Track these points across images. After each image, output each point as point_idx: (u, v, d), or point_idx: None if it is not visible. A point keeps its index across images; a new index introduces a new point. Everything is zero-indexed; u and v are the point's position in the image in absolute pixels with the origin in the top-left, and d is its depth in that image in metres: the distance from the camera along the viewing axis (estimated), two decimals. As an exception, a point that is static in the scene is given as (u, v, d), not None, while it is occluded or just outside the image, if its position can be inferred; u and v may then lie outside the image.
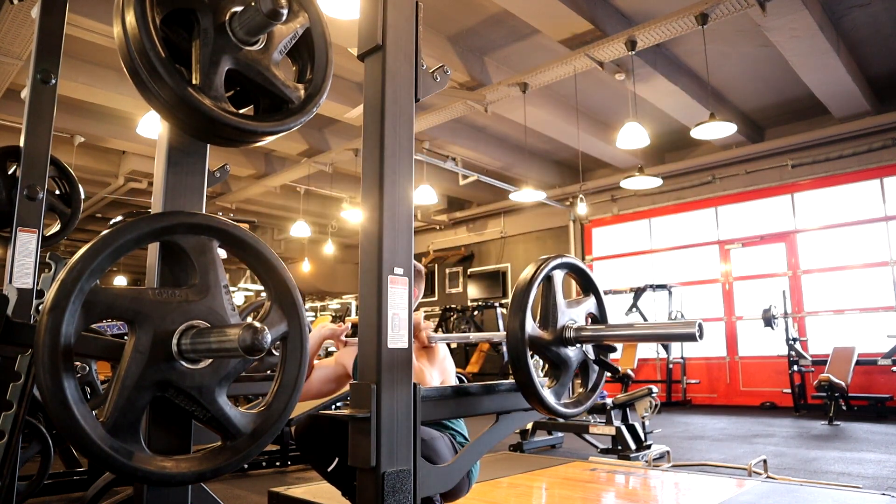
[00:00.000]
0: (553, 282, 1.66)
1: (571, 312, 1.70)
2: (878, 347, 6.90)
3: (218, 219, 1.27)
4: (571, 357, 1.67)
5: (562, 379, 1.65)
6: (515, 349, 1.53)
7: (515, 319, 1.54)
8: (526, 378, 1.54)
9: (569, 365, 1.66)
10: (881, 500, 2.70)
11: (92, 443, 1.04)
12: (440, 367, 2.06)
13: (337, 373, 2.27)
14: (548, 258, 1.66)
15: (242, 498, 3.37)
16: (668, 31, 5.15)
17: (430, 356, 2.05)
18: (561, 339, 1.65)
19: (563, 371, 1.65)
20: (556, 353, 1.63)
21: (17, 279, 2.34)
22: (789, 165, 8.05)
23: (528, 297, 1.56)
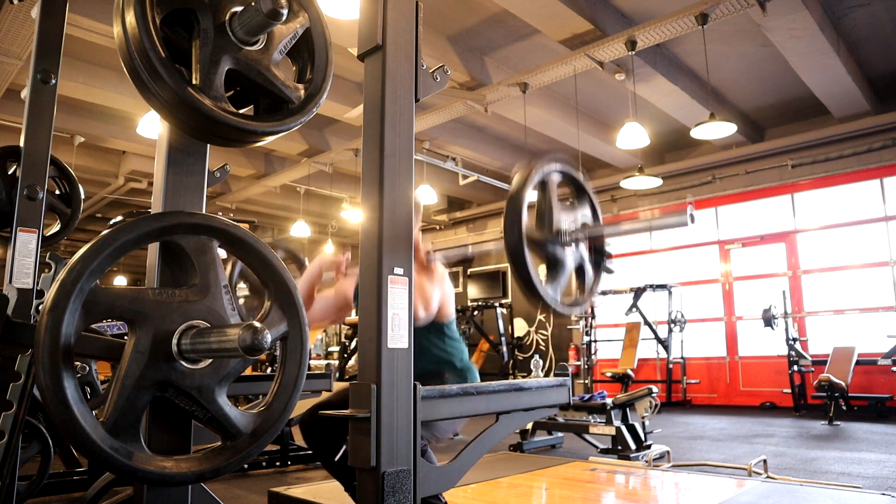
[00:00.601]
0: (548, 186, 1.69)
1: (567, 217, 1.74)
2: (878, 347, 6.90)
3: (218, 219, 1.27)
4: (569, 257, 1.70)
5: (559, 279, 1.67)
6: (514, 247, 1.54)
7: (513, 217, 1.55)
8: (525, 274, 1.54)
9: (566, 265, 1.69)
10: (881, 500, 2.70)
11: (92, 443, 1.04)
12: (440, 285, 2.07)
13: (337, 302, 2.28)
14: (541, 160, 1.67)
15: (242, 498, 3.37)
16: (668, 31, 5.15)
17: (430, 274, 2.06)
18: (558, 239, 1.67)
19: (561, 271, 1.68)
20: (553, 251, 1.66)
21: (17, 279, 2.34)
22: (789, 165, 8.06)
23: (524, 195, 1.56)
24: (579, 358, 9.38)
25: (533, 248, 1.60)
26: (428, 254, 2.07)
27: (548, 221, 1.66)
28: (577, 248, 1.73)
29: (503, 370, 9.93)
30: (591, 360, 9.08)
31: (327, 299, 2.29)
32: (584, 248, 1.76)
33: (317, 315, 2.27)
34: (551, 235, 1.65)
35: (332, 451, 2.01)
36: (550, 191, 1.69)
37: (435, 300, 2.01)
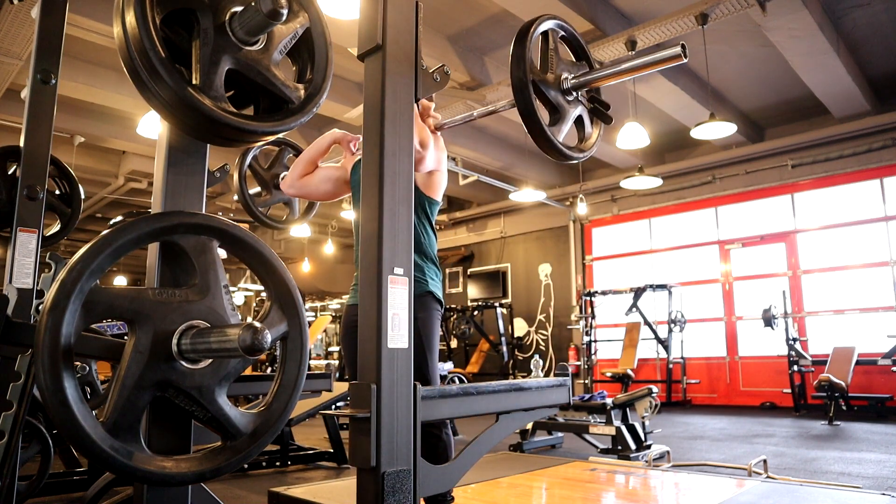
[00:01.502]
0: (550, 37, 1.75)
1: (567, 71, 1.81)
2: (878, 347, 6.90)
3: (218, 219, 1.27)
4: (570, 106, 1.78)
5: (561, 125, 1.74)
6: (521, 90, 1.61)
7: (519, 60, 1.62)
8: (531, 114, 1.62)
9: (567, 112, 1.77)
10: (881, 500, 2.70)
11: (92, 443, 1.04)
12: (438, 154, 2.12)
13: (338, 175, 2.30)
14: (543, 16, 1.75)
15: (242, 498, 3.37)
16: (668, 31, 5.15)
17: (435, 139, 2.10)
18: (560, 87, 1.75)
19: (563, 118, 1.75)
20: (556, 97, 1.73)
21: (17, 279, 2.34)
22: (789, 165, 8.06)
23: (529, 40, 1.65)
24: (579, 358, 9.38)
25: (537, 92, 1.68)
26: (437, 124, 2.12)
27: (551, 69, 1.74)
28: (577, 97, 1.81)
29: (503, 370, 9.93)
30: (591, 360, 9.08)
31: (329, 169, 2.31)
32: (583, 98, 1.84)
33: (315, 181, 2.30)
34: (553, 81, 1.73)
35: None
36: (553, 42, 1.76)
37: (430, 158, 2.05)
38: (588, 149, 1.87)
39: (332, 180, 2.31)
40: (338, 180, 2.31)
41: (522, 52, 1.64)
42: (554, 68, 1.75)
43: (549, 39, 1.76)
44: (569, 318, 9.94)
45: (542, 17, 1.75)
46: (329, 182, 2.31)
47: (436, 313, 2.05)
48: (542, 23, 1.72)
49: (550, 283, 10.48)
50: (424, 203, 2.13)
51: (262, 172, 3.04)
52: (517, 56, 1.64)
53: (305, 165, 2.30)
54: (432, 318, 2.04)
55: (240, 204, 3.02)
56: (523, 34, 1.67)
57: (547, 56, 1.75)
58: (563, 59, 1.80)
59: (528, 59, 1.64)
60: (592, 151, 1.88)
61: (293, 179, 2.32)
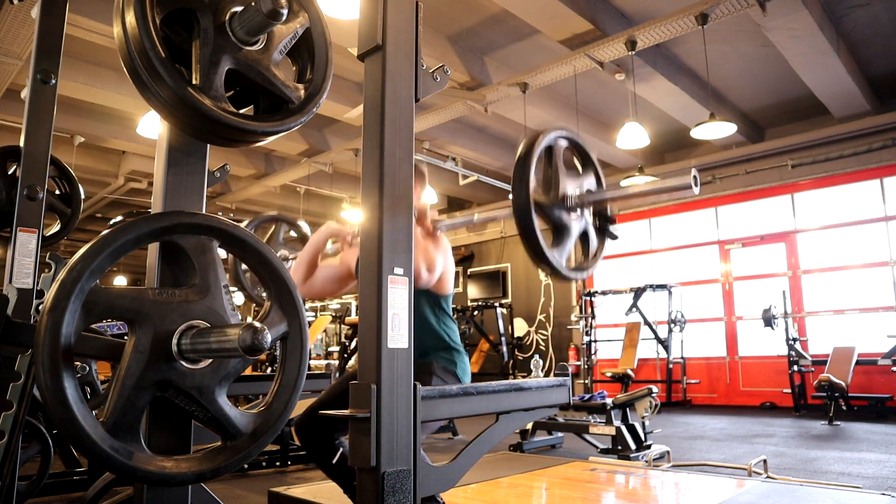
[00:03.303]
0: (554, 153, 1.71)
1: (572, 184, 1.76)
2: (878, 347, 6.90)
3: (218, 219, 1.27)
4: (573, 223, 1.73)
5: (564, 244, 1.69)
6: (521, 210, 1.58)
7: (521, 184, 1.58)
8: (532, 237, 1.58)
9: (570, 230, 1.71)
10: (881, 500, 2.70)
11: (92, 443, 1.04)
12: (443, 255, 2.07)
13: (340, 273, 2.27)
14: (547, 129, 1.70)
15: (242, 498, 3.37)
16: (668, 31, 5.15)
17: (435, 242, 2.06)
18: (563, 205, 1.70)
19: (566, 236, 1.70)
20: (559, 217, 1.68)
21: (17, 279, 2.34)
22: (789, 165, 8.06)
23: (532, 161, 1.59)
24: (579, 358, 9.38)
25: (539, 212, 1.63)
26: (434, 222, 2.07)
27: (554, 186, 1.69)
28: (582, 213, 1.76)
29: (503, 370, 9.92)
30: (591, 360, 9.08)
31: (330, 268, 2.27)
32: (588, 214, 1.79)
33: (318, 284, 2.26)
34: (557, 200, 1.68)
35: (329, 453, 2.00)
36: (556, 157, 1.72)
37: (438, 266, 2.01)
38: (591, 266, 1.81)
39: (335, 280, 2.27)
40: (342, 277, 2.27)
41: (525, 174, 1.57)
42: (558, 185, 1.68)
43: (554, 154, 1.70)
44: (569, 318, 9.94)
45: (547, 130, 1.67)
46: (333, 282, 2.28)
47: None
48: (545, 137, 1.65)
49: (550, 283, 10.47)
50: (440, 301, 2.12)
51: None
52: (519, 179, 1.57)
53: (306, 268, 2.24)
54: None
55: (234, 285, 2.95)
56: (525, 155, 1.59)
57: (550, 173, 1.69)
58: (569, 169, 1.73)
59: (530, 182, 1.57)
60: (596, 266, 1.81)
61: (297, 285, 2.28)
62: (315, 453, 2.04)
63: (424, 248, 1.95)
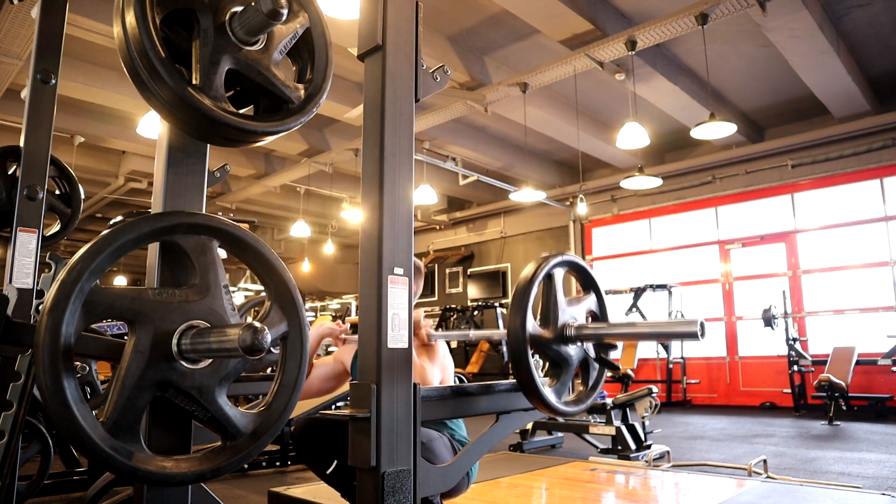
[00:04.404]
0: (554, 280, 1.66)
1: (572, 310, 1.70)
2: (878, 347, 6.90)
3: (218, 219, 1.27)
4: (572, 355, 1.67)
5: (562, 377, 1.64)
6: (516, 348, 1.53)
7: (517, 318, 1.54)
8: (527, 377, 1.53)
9: (569, 363, 1.66)
10: (881, 500, 2.70)
11: (92, 443, 1.04)
12: (440, 364, 2.07)
13: (336, 370, 2.28)
14: (548, 256, 1.65)
15: (242, 498, 3.37)
16: (668, 31, 5.15)
17: (431, 354, 2.06)
18: (562, 338, 1.64)
19: (564, 369, 1.65)
20: (556, 351, 1.63)
21: (17, 279, 2.34)
22: (789, 165, 8.06)
23: (529, 296, 1.56)
24: (579, 358, 9.37)
25: (536, 347, 1.59)
26: (429, 335, 2.06)
27: (552, 319, 1.63)
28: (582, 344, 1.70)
29: (503, 370, 9.92)
30: (591, 360, 9.07)
31: (326, 367, 2.29)
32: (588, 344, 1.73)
33: (315, 384, 2.27)
34: (555, 334, 1.63)
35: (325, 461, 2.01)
36: (555, 286, 1.66)
37: (436, 379, 2.01)
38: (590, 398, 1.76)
39: (332, 378, 2.29)
40: (338, 375, 2.28)
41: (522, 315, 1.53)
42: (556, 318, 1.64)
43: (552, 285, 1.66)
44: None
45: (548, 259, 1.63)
46: (330, 380, 2.29)
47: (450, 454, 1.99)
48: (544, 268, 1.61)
49: (550, 283, 10.46)
50: None
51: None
52: (515, 314, 1.54)
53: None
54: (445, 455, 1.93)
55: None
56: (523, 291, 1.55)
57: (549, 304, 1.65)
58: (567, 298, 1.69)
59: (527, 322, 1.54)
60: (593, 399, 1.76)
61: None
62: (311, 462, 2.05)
63: (419, 367, 1.91)
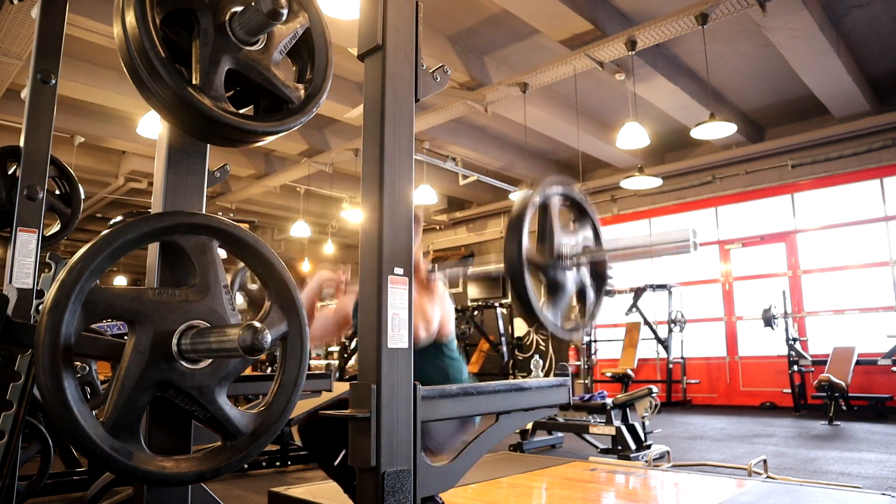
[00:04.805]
0: (549, 209, 1.67)
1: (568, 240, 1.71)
2: (878, 347, 6.89)
3: (218, 219, 1.27)
4: (569, 280, 1.68)
5: (560, 302, 1.65)
6: (513, 269, 1.53)
7: (513, 240, 1.54)
8: (524, 297, 1.53)
9: (566, 288, 1.67)
10: (881, 500, 2.70)
11: (92, 443, 1.04)
12: (441, 304, 2.08)
13: (338, 319, 2.31)
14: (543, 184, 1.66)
15: (242, 498, 3.37)
16: (668, 31, 5.15)
17: (430, 294, 2.07)
18: (559, 262, 1.65)
19: (561, 294, 1.66)
20: (554, 275, 1.64)
21: (17, 279, 2.34)
22: (789, 165, 8.06)
23: (525, 219, 1.55)
24: (579, 358, 9.37)
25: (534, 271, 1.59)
26: (429, 273, 2.08)
27: (549, 245, 1.64)
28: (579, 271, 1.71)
29: (503, 370, 9.92)
30: (591, 360, 9.08)
31: (327, 316, 2.32)
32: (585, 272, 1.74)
33: (317, 332, 2.30)
34: (552, 259, 1.64)
35: (331, 454, 2.01)
36: (551, 214, 1.67)
37: (435, 320, 2.01)
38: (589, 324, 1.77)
39: (333, 325, 2.32)
40: (339, 321, 2.31)
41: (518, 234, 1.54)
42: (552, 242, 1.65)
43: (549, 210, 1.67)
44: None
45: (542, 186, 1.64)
46: (331, 326, 2.32)
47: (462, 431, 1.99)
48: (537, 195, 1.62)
49: (550, 283, 10.47)
50: (442, 347, 2.13)
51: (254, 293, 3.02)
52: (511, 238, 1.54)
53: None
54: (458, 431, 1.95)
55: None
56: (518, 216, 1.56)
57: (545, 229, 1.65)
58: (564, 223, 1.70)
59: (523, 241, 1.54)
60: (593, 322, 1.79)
61: None
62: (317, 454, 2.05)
63: (421, 305, 1.94)
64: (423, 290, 2.03)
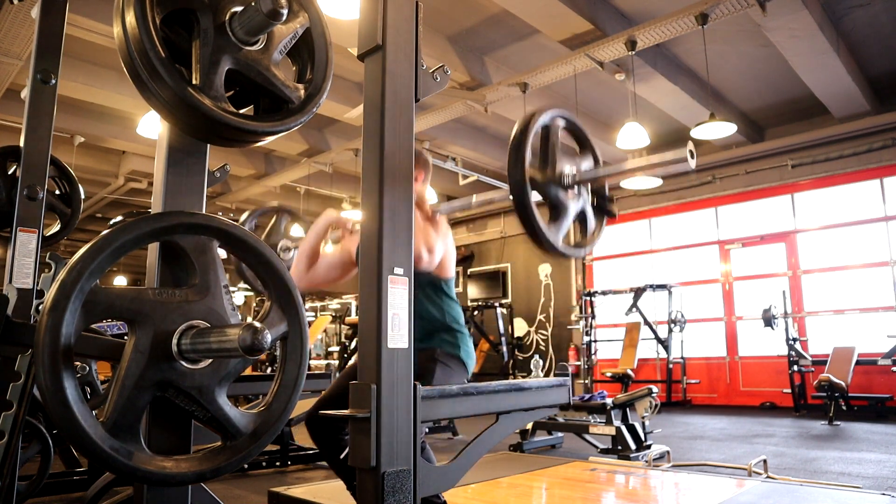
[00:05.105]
0: (551, 132, 1.71)
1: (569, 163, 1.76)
2: (878, 347, 6.90)
3: (218, 219, 1.27)
4: (570, 202, 1.73)
5: (561, 222, 1.69)
6: (517, 187, 1.57)
7: (517, 158, 1.58)
8: (527, 215, 1.57)
9: (568, 208, 1.71)
10: (881, 500, 2.70)
11: (92, 443, 1.04)
12: (444, 240, 2.09)
13: (342, 259, 2.29)
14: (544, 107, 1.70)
15: (242, 498, 3.37)
16: (668, 31, 5.15)
17: (435, 226, 2.08)
18: (560, 182, 1.70)
19: (563, 214, 1.70)
20: (555, 195, 1.68)
21: (17, 279, 2.34)
22: (789, 165, 8.06)
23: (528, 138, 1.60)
24: (579, 358, 9.38)
25: (535, 188, 1.63)
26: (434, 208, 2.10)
27: (550, 164, 1.69)
28: (580, 192, 1.76)
29: (503, 370, 9.92)
30: (591, 360, 9.08)
31: (332, 257, 2.28)
32: (585, 193, 1.79)
33: (321, 273, 2.27)
34: (553, 177, 1.68)
35: (337, 448, 2.01)
36: (553, 136, 1.72)
37: (438, 253, 2.03)
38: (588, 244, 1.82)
39: (338, 267, 2.29)
40: (343, 264, 2.29)
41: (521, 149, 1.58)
42: (554, 163, 1.69)
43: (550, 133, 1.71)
44: (569, 318, 9.94)
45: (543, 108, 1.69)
46: (335, 269, 2.29)
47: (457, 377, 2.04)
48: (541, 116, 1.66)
49: (550, 283, 10.47)
50: (441, 285, 2.14)
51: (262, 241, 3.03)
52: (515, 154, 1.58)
53: (308, 258, 2.26)
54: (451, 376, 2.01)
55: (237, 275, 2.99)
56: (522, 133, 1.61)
57: (547, 150, 1.69)
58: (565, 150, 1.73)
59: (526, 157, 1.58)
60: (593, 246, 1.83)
61: (300, 275, 2.27)
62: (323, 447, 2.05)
63: (424, 230, 1.97)
64: (427, 221, 2.05)
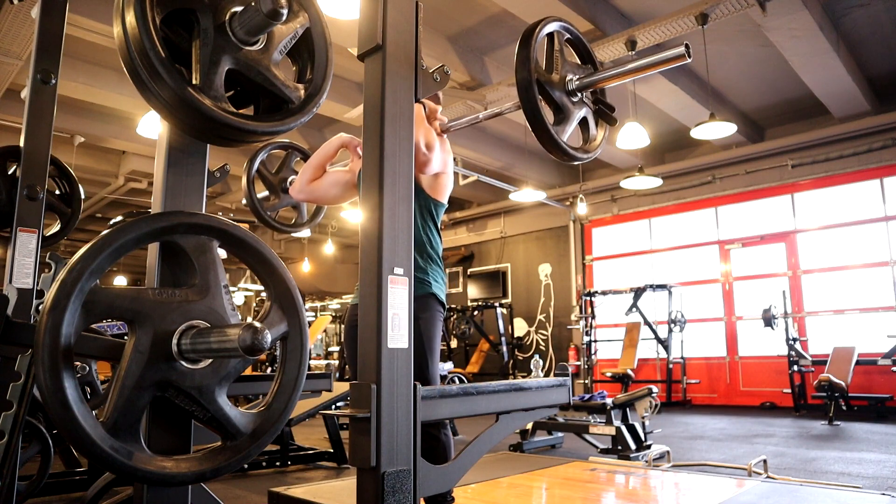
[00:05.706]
0: (556, 39, 1.78)
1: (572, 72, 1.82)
2: (878, 347, 6.90)
3: (218, 219, 1.27)
4: (574, 106, 1.80)
5: (566, 126, 1.77)
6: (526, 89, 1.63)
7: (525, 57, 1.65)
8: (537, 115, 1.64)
9: (572, 112, 1.79)
10: (881, 500, 2.70)
11: (92, 443, 1.04)
12: (445, 155, 2.16)
13: (346, 179, 2.31)
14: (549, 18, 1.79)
15: (242, 498, 3.37)
16: (668, 31, 5.15)
17: (442, 142, 2.16)
18: (565, 88, 1.77)
19: (567, 118, 1.77)
20: (560, 98, 1.75)
21: (17, 279, 2.34)
22: (789, 165, 8.06)
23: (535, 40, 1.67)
24: (579, 358, 9.38)
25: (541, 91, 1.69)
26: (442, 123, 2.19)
27: (555, 69, 1.76)
28: (582, 98, 1.82)
29: (503, 370, 9.93)
30: (591, 360, 9.08)
31: (337, 175, 2.31)
32: (587, 101, 1.85)
33: (323, 186, 2.30)
34: (558, 82, 1.74)
35: None
36: (558, 43, 1.78)
37: (436, 159, 2.08)
38: (593, 150, 1.89)
39: (340, 184, 2.31)
40: (346, 184, 2.31)
41: (528, 52, 1.65)
42: (559, 70, 1.76)
43: (554, 41, 1.77)
44: (569, 318, 9.94)
45: (547, 18, 1.76)
46: (337, 186, 2.31)
47: (438, 315, 2.07)
48: (546, 24, 1.74)
49: (550, 283, 10.48)
50: (430, 206, 2.15)
51: (270, 176, 3.04)
52: (522, 56, 1.65)
53: (314, 170, 2.30)
54: (434, 319, 2.05)
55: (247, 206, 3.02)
56: (528, 35, 1.68)
57: (552, 57, 1.76)
58: (568, 60, 1.81)
59: (533, 59, 1.65)
60: (597, 153, 1.91)
61: (302, 185, 2.32)
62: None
63: (427, 129, 2.02)
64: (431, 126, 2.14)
